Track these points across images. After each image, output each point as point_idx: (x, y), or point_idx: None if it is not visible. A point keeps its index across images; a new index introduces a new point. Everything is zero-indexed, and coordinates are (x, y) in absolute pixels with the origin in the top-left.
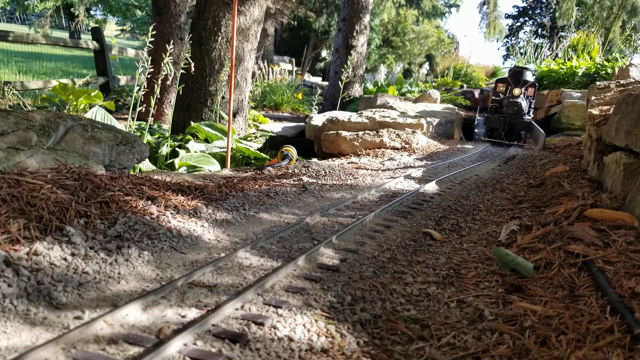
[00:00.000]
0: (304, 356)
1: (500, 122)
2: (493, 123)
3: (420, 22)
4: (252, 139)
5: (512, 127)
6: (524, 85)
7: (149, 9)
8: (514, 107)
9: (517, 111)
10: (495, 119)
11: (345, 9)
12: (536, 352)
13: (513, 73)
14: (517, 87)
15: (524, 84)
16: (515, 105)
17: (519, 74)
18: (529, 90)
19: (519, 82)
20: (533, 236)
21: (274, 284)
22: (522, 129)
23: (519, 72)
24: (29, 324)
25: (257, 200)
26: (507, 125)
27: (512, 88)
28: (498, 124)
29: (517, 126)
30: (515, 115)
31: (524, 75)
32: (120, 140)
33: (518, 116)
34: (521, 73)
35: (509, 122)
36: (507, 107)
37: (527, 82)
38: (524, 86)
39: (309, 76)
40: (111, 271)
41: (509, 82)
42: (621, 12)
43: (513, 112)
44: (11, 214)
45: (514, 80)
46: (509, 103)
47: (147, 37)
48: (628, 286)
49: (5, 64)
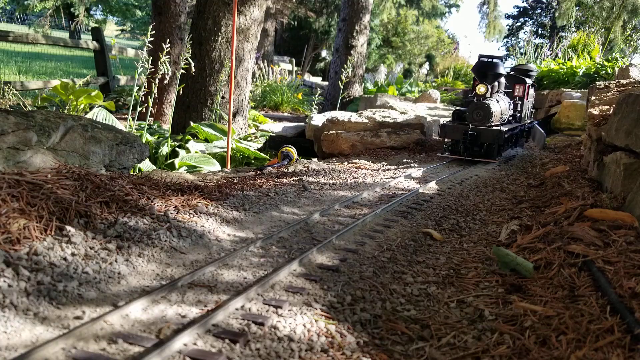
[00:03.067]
0: (304, 356)
1: (460, 132)
2: (451, 133)
3: (420, 22)
4: (252, 139)
5: (476, 139)
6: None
7: (149, 9)
8: (479, 112)
9: (484, 117)
10: (453, 127)
11: (345, 9)
12: (536, 352)
13: (478, 66)
14: (483, 83)
15: (494, 79)
16: (480, 109)
17: (487, 66)
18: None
19: (486, 77)
20: (533, 236)
21: (274, 283)
22: (490, 141)
23: (485, 64)
24: (29, 324)
25: (257, 200)
26: (470, 136)
27: (477, 85)
28: (457, 134)
29: (484, 137)
30: (480, 123)
31: (495, 68)
32: (120, 140)
33: (484, 123)
34: (491, 66)
35: (472, 132)
36: (470, 112)
37: (499, 75)
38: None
39: (309, 76)
40: (111, 271)
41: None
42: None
43: (478, 119)
44: (11, 214)
45: (480, 74)
46: (471, 106)
47: (146, 37)
48: (628, 286)
49: (5, 64)
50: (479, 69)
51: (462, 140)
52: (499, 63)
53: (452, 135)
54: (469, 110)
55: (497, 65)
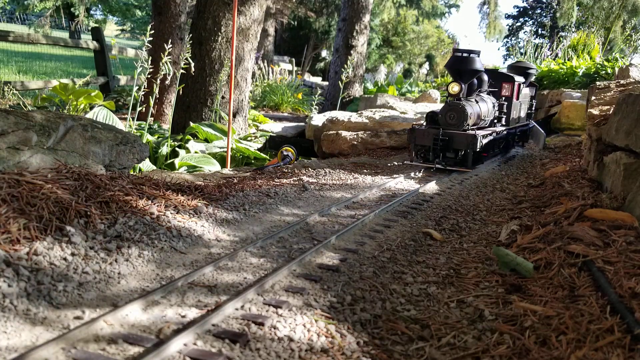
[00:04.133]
0: (304, 356)
1: (430, 137)
2: (421, 138)
3: (420, 22)
4: (252, 139)
5: (448, 144)
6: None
7: (148, 9)
8: (452, 114)
9: (458, 119)
10: (422, 131)
11: (345, 9)
12: (536, 352)
13: (451, 62)
14: (456, 81)
15: (470, 76)
16: (453, 110)
17: (461, 62)
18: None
19: (460, 75)
20: (533, 236)
21: (273, 284)
22: (464, 147)
23: (459, 60)
24: (29, 324)
25: (257, 200)
26: (441, 141)
27: (450, 84)
28: (427, 139)
29: (457, 143)
30: (454, 126)
31: (470, 64)
32: (120, 140)
33: (458, 127)
34: (465, 61)
35: (443, 137)
36: (442, 114)
37: (475, 72)
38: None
39: (309, 76)
40: (111, 271)
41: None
42: (621, 11)
43: (452, 122)
44: (11, 214)
45: (454, 71)
46: (444, 107)
47: (146, 37)
48: (628, 286)
49: (6, 64)
50: (452, 66)
51: (432, 147)
52: (476, 58)
53: (422, 141)
54: (441, 112)
55: (473, 60)
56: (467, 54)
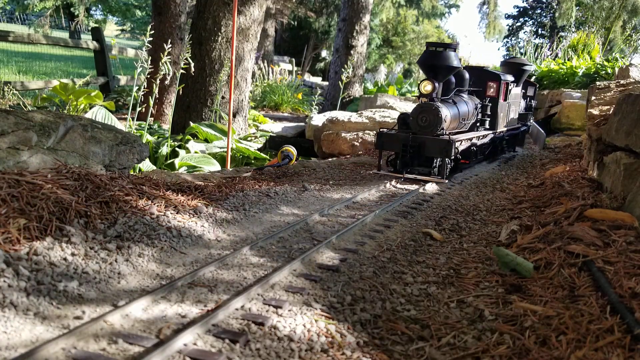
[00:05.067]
0: (304, 356)
1: (399, 142)
2: (389, 143)
3: (420, 22)
4: (252, 139)
5: (419, 151)
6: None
7: (148, 9)
8: (424, 117)
9: (431, 123)
10: (390, 136)
11: (345, 9)
12: (536, 352)
13: (424, 57)
14: (429, 79)
15: (446, 74)
16: (426, 112)
17: (435, 57)
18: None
19: (434, 72)
20: (533, 236)
21: (274, 284)
22: (437, 154)
23: (433, 55)
24: (29, 324)
25: (257, 200)
26: (411, 148)
27: (422, 82)
28: (396, 144)
29: (429, 149)
30: (426, 130)
31: (445, 59)
32: (120, 140)
33: (431, 131)
34: (440, 57)
35: (413, 142)
36: (413, 116)
37: (451, 69)
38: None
39: (309, 76)
40: (111, 271)
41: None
42: (621, 11)
43: (424, 125)
44: (11, 214)
45: (427, 68)
46: (415, 109)
47: (146, 37)
48: (628, 286)
49: (6, 64)
50: (425, 62)
51: (401, 153)
52: (452, 54)
53: (390, 147)
54: (412, 114)
55: (448, 56)
56: (442, 48)
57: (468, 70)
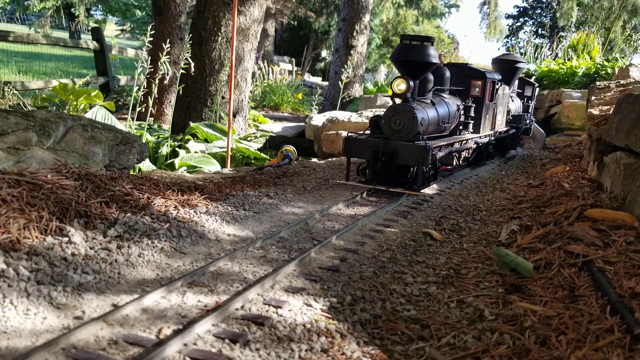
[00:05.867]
0: (304, 356)
1: (369, 149)
2: (358, 150)
3: (420, 22)
4: (252, 139)
5: (392, 159)
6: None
7: (148, 9)
8: (398, 120)
9: (405, 127)
10: (360, 142)
11: (345, 9)
12: (536, 352)
13: (398, 52)
14: (403, 77)
15: (423, 71)
16: (399, 114)
17: (410, 52)
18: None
19: (410, 69)
20: (533, 236)
21: (273, 284)
22: (412, 162)
23: (408, 49)
24: (29, 324)
25: (257, 200)
26: (382, 155)
27: (396, 80)
28: (366, 151)
29: (403, 157)
30: (399, 135)
31: (422, 54)
32: (120, 140)
33: (406, 136)
34: (416, 52)
35: (384, 149)
36: (386, 119)
37: (429, 66)
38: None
39: (309, 76)
40: (111, 271)
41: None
42: (621, 12)
43: (398, 129)
44: (11, 214)
45: (401, 64)
46: (388, 111)
47: (146, 37)
48: (628, 286)
49: (6, 64)
50: (398, 57)
51: (371, 161)
52: (430, 48)
53: (360, 153)
54: (384, 117)
55: (425, 51)
56: (419, 41)
57: (449, 67)
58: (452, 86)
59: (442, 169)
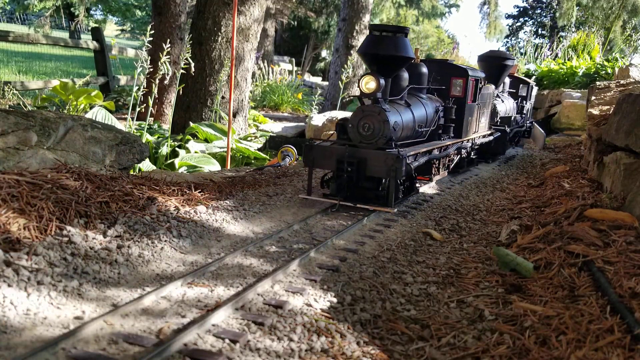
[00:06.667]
0: (304, 356)
1: (333, 158)
2: (321, 159)
3: (420, 22)
4: (252, 139)
5: (360, 170)
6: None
7: (148, 9)
8: (367, 123)
9: (375, 132)
10: (322, 149)
11: (345, 9)
12: (536, 352)
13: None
14: (371, 74)
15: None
16: (368, 118)
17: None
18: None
19: (380, 64)
20: (533, 236)
21: (273, 284)
22: (384, 174)
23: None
24: (29, 324)
25: (257, 200)
26: (348, 165)
27: (364, 78)
28: (329, 161)
29: (372, 167)
30: (368, 141)
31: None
32: (120, 140)
33: (376, 142)
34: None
35: (350, 158)
36: (353, 123)
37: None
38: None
39: (309, 76)
40: (111, 271)
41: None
42: (621, 12)
43: (367, 134)
44: (11, 214)
45: (370, 59)
46: (355, 113)
47: (146, 37)
48: (628, 286)
49: (6, 64)
50: (367, 50)
51: (336, 173)
52: (404, 40)
53: (322, 164)
54: (351, 121)
55: (398, 43)
56: (391, 32)
57: (427, 63)
58: (431, 85)
59: (419, 178)
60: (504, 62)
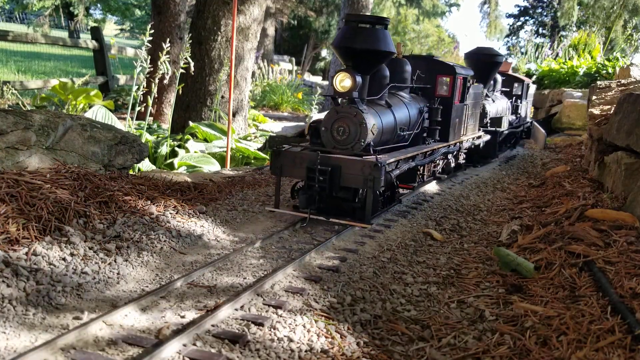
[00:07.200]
0: (304, 356)
1: (303, 166)
2: (290, 167)
3: (420, 21)
4: (252, 138)
5: (334, 179)
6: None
7: (148, 8)
8: (341, 127)
9: (350, 136)
10: (293, 156)
11: (346, 8)
12: (537, 353)
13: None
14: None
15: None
16: (344, 119)
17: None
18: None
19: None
20: (534, 236)
21: (273, 284)
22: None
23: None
24: (28, 324)
25: (256, 199)
26: (320, 174)
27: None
28: (299, 169)
29: (347, 176)
30: (343, 146)
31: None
32: (119, 139)
33: (352, 147)
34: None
35: (322, 165)
36: (326, 126)
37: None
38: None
39: (309, 76)
40: (110, 271)
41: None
42: (622, 11)
43: (342, 138)
44: (10, 214)
45: (345, 53)
46: (329, 114)
47: (146, 36)
48: (629, 286)
49: (5, 63)
50: (341, 44)
51: (306, 183)
52: (383, 32)
53: (291, 172)
54: (324, 124)
55: (377, 35)
56: (369, 23)
57: (411, 59)
58: (414, 83)
59: (401, 186)
60: (493, 60)
